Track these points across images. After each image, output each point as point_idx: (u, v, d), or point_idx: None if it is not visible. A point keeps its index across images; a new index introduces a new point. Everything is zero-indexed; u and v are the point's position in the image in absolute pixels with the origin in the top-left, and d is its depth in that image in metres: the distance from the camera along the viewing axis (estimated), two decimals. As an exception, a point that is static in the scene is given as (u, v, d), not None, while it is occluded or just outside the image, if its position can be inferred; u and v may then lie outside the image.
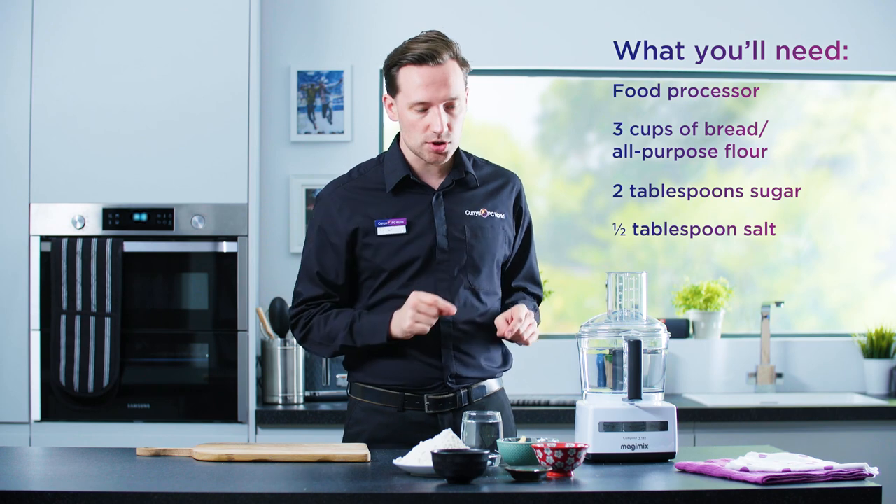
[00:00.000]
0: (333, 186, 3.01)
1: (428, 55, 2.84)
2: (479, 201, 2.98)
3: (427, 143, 2.88)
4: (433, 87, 2.84)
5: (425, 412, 2.91)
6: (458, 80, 2.88)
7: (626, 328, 2.75)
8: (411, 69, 2.85)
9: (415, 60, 2.84)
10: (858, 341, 4.78)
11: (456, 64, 2.88)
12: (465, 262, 2.92)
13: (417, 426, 2.89)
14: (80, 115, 4.19)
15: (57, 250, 4.13)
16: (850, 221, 5.01)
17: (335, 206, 2.96)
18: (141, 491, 2.33)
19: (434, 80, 2.84)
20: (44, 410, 4.15)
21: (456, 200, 2.96)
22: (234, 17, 4.23)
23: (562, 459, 2.45)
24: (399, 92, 2.89)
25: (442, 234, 2.92)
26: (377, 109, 4.73)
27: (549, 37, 4.78)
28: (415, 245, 2.91)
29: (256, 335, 4.36)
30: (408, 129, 2.90)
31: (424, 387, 2.91)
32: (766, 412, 4.27)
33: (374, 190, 2.96)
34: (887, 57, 4.85)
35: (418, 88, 2.84)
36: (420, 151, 2.91)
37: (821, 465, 2.49)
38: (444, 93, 2.85)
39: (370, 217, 2.94)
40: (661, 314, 4.87)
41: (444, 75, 2.85)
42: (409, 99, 2.86)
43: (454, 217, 2.94)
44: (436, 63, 2.84)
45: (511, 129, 4.91)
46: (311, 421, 4.16)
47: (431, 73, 2.84)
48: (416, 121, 2.87)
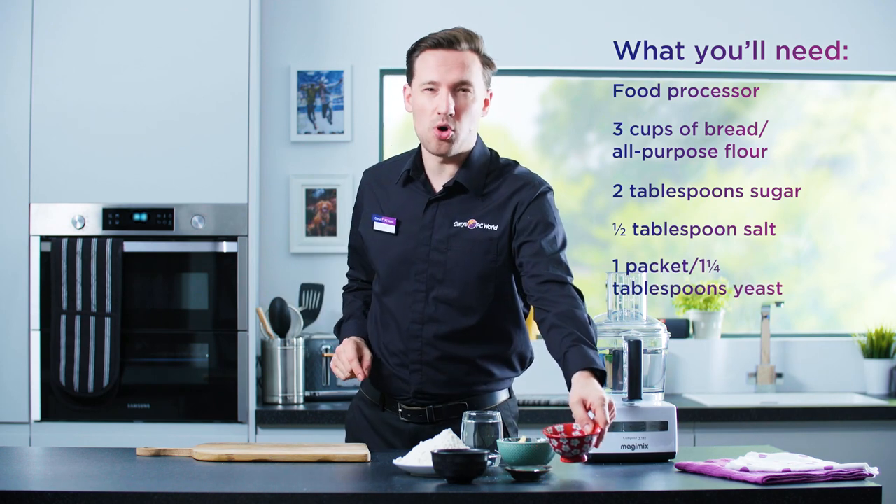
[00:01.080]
0: (368, 169, 3.07)
1: (445, 40, 2.82)
2: (472, 211, 2.86)
3: (433, 129, 2.81)
4: (444, 67, 2.81)
5: (399, 418, 2.92)
6: (475, 70, 2.83)
7: (626, 328, 2.75)
8: (427, 52, 2.84)
9: (432, 44, 2.83)
10: (858, 341, 4.78)
11: (476, 57, 2.84)
12: (440, 274, 2.85)
13: (393, 430, 2.92)
14: (80, 115, 4.19)
15: (57, 250, 4.13)
16: (850, 221, 5.01)
17: (361, 188, 3.02)
18: (141, 491, 2.33)
19: (446, 62, 2.81)
20: (44, 410, 4.15)
21: (450, 207, 2.88)
22: (234, 17, 4.23)
23: (578, 447, 2.44)
24: (414, 76, 2.87)
25: (423, 243, 2.87)
26: (377, 109, 4.73)
27: (549, 37, 4.78)
28: (398, 247, 2.89)
29: (256, 335, 4.36)
30: (418, 115, 2.86)
31: (397, 396, 2.92)
32: (766, 412, 4.27)
33: (390, 182, 2.95)
34: (887, 57, 4.85)
35: (430, 69, 2.82)
36: (427, 139, 2.84)
37: (821, 465, 2.49)
38: (455, 75, 2.80)
39: (373, 209, 2.95)
40: (661, 314, 4.87)
41: (459, 60, 2.81)
42: (421, 80, 2.83)
43: (441, 226, 2.87)
44: (452, 48, 2.82)
45: (511, 129, 4.91)
46: (311, 421, 4.16)
47: (445, 56, 2.82)
48: (425, 103, 2.83)
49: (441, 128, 2.81)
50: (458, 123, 2.82)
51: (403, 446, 2.85)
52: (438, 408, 2.88)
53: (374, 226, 2.93)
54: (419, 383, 2.87)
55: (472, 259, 2.84)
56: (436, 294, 2.85)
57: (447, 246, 2.85)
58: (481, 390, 2.90)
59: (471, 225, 2.85)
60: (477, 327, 2.87)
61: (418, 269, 2.86)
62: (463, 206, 2.87)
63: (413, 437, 2.84)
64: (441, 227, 2.86)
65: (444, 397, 2.88)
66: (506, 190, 2.88)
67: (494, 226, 2.85)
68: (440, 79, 2.80)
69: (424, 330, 2.85)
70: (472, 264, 2.84)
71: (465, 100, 2.82)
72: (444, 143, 2.82)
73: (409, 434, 2.89)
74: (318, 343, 4.45)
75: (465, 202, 2.88)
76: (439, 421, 2.86)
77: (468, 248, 2.84)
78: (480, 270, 2.84)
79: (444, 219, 2.87)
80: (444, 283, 2.85)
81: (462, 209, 2.87)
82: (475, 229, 2.85)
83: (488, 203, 2.87)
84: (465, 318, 2.86)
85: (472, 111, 2.84)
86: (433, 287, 2.85)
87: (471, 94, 2.83)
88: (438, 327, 2.85)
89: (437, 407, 2.88)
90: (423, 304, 2.86)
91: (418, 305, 2.86)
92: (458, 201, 2.88)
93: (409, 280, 2.87)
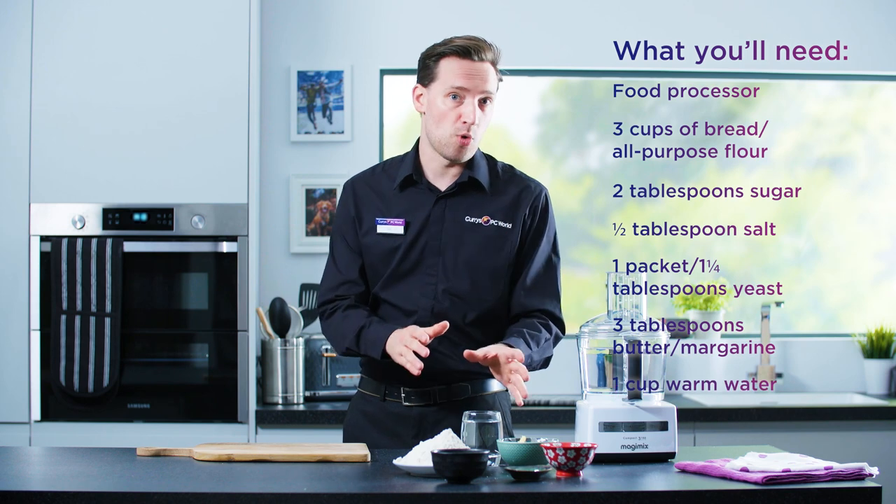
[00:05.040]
0: (353, 179, 3.05)
1: (473, 49, 2.88)
2: (484, 208, 2.94)
3: (455, 137, 2.88)
4: (475, 77, 2.87)
5: (402, 404, 2.93)
6: (495, 81, 2.92)
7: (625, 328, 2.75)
8: (453, 59, 2.88)
9: (459, 52, 2.88)
10: (858, 341, 4.78)
11: (493, 70, 2.91)
12: (451, 267, 2.90)
13: (397, 417, 2.93)
14: (80, 115, 4.19)
15: (57, 250, 4.13)
16: (850, 221, 5.00)
17: (348, 199, 3.00)
18: (141, 491, 2.33)
19: (476, 72, 2.87)
20: (44, 410, 4.15)
21: (459, 205, 2.94)
22: (234, 17, 4.23)
23: (573, 459, 2.45)
24: (435, 80, 2.90)
25: (434, 238, 2.92)
26: (377, 109, 4.73)
27: (549, 37, 4.78)
28: (407, 247, 2.92)
29: (256, 335, 4.36)
30: (437, 119, 2.89)
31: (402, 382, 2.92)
32: (766, 412, 4.26)
33: (386, 188, 2.98)
34: (887, 57, 4.85)
35: (458, 76, 2.86)
36: (446, 143, 2.89)
37: (821, 465, 2.49)
38: (483, 86, 2.88)
39: (373, 214, 2.96)
40: (661, 314, 4.87)
41: (484, 70, 2.89)
42: (446, 85, 2.87)
43: (452, 222, 2.93)
44: (479, 59, 2.88)
45: (511, 129, 4.91)
46: (311, 421, 4.16)
47: (473, 66, 2.87)
48: (448, 110, 2.87)
49: (464, 136, 2.88)
50: (477, 131, 2.90)
51: (408, 434, 2.89)
52: (442, 388, 2.91)
53: (379, 229, 2.95)
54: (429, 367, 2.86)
55: (486, 254, 2.92)
56: (446, 287, 2.91)
57: (461, 241, 2.92)
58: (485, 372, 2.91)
59: (485, 221, 2.93)
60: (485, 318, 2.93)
61: (429, 262, 2.91)
62: (472, 203, 2.94)
63: (419, 423, 2.88)
64: (452, 223, 2.93)
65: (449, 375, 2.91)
66: (514, 189, 2.97)
67: (508, 223, 2.94)
68: (471, 87, 2.87)
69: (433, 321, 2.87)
70: (486, 259, 2.92)
71: (486, 109, 2.91)
72: (462, 150, 2.90)
73: (414, 420, 2.91)
74: (318, 343, 4.45)
75: (474, 199, 2.95)
76: (443, 403, 2.90)
77: (483, 243, 2.92)
78: (494, 265, 2.92)
79: (455, 214, 2.93)
80: (455, 277, 2.91)
81: (472, 206, 2.94)
82: (489, 226, 2.93)
83: (498, 201, 2.95)
84: (474, 310, 2.92)
85: (487, 121, 2.94)
86: (444, 280, 2.91)
87: (490, 104, 2.92)
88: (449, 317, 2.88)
89: (441, 388, 2.91)
90: (431, 299, 2.91)
91: (426, 300, 2.91)
92: (466, 199, 2.95)
93: (419, 274, 2.91)
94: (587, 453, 2.46)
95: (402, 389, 2.93)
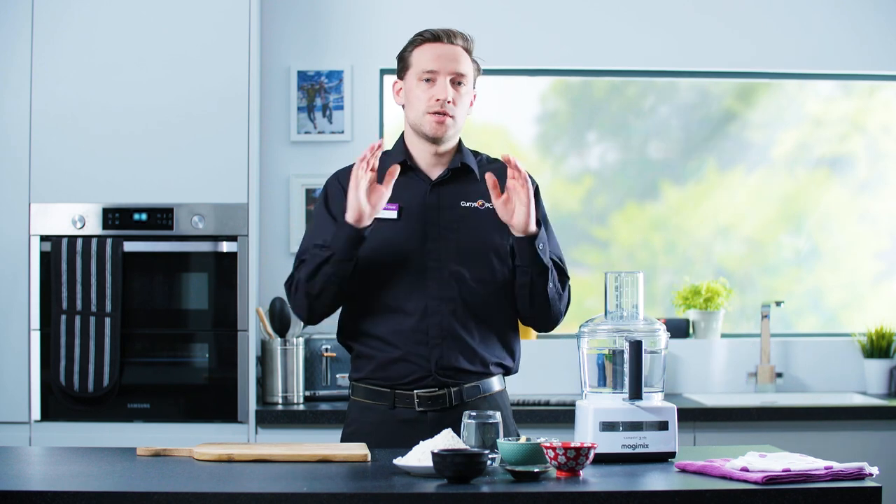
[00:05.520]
0: (336, 174, 3.08)
1: (443, 34, 2.95)
2: (478, 193, 2.98)
3: (429, 115, 2.91)
4: (444, 58, 2.93)
5: (416, 409, 2.92)
6: (468, 65, 2.96)
7: (625, 328, 2.75)
8: (424, 46, 2.96)
9: (428, 37, 2.96)
10: (858, 341, 4.78)
11: (467, 55, 2.97)
12: (454, 250, 2.93)
13: (409, 424, 2.91)
14: (80, 115, 4.19)
15: (57, 250, 4.13)
16: (850, 221, 5.01)
17: (335, 189, 3.02)
18: (141, 491, 2.33)
19: (445, 54, 2.93)
20: (44, 410, 4.15)
21: (452, 191, 2.98)
22: (234, 17, 4.23)
23: (573, 459, 2.45)
24: (409, 68, 2.96)
25: (432, 223, 2.94)
26: (377, 109, 4.73)
27: (549, 37, 4.78)
28: (404, 232, 2.94)
29: (256, 335, 4.36)
30: (413, 103, 2.95)
31: (415, 382, 2.92)
32: (766, 412, 4.26)
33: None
34: (887, 57, 4.85)
35: (429, 60, 2.93)
36: (421, 123, 2.93)
37: (821, 464, 2.49)
38: (453, 66, 2.92)
39: None
40: (661, 314, 4.87)
41: (455, 54, 2.94)
42: (418, 70, 2.93)
43: (448, 207, 2.96)
44: (449, 42, 2.95)
45: (511, 129, 4.91)
46: (311, 421, 4.16)
47: (443, 48, 2.94)
48: (422, 92, 2.92)
49: (438, 113, 2.91)
50: (454, 110, 2.93)
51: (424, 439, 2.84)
52: (457, 390, 2.91)
53: None
54: (440, 356, 2.88)
55: (487, 235, 2.95)
56: (452, 270, 2.92)
57: (460, 224, 2.95)
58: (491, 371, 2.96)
59: (480, 206, 2.98)
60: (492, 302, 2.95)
61: (430, 247, 2.93)
62: (465, 189, 2.98)
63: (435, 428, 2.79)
64: (449, 207, 2.96)
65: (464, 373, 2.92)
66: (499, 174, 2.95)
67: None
68: (440, 68, 2.92)
69: (443, 305, 2.89)
70: (487, 240, 2.95)
71: (460, 92, 2.94)
72: (440, 126, 2.92)
73: (428, 424, 2.88)
74: (318, 343, 4.45)
75: (466, 186, 2.99)
76: (458, 405, 2.90)
77: (483, 225, 2.95)
78: (495, 247, 2.95)
79: (451, 199, 2.97)
80: (460, 259, 2.93)
81: (465, 191, 2.98)
82: (486, 210, 2.97)
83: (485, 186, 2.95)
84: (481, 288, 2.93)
85: (464, 103, 2.96)
86: (449, 263, 2.92)
87: (464, 86, 2.95)
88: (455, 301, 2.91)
89: (455, 389, 2.91)
90: (438, 282, 2.91)
91: (433, 283, 2.91)
92: (459, 185, 2.99)
93: (420, 259, 2.92)
94: (587, 453, 2.46)
95: (416, 394, 2.92)
